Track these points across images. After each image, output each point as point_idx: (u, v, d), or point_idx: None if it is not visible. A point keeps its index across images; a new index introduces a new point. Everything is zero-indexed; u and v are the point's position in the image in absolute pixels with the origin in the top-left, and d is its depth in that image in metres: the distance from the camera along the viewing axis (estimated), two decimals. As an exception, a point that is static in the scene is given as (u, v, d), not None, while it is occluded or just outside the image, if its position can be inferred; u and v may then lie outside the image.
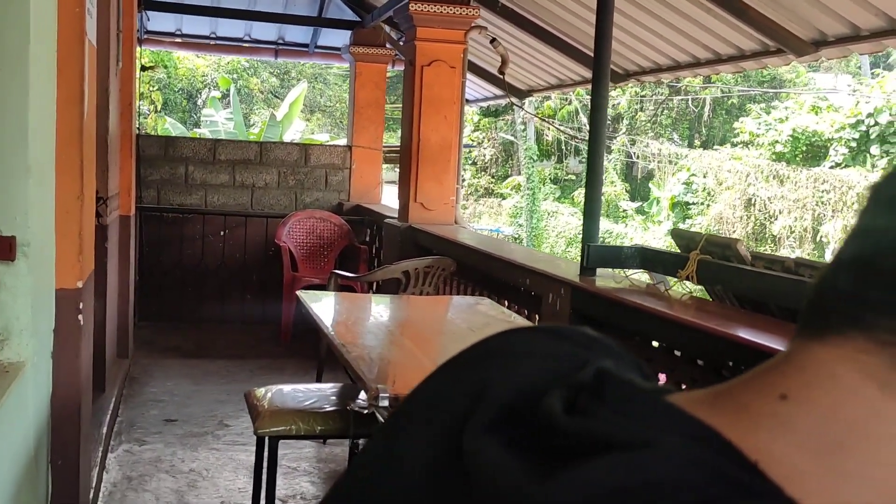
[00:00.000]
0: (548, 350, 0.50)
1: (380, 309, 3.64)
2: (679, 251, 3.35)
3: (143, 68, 6.84)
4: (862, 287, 0.40)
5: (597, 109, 3.54)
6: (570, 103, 20.85)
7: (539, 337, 0.52)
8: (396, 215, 5.78)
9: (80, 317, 2.57)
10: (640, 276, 3.48)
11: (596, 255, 3.47)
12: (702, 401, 0.43)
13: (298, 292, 3.43)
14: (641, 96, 21.78)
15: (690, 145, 21.89)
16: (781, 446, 0.39)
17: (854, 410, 0.39)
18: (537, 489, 0.37)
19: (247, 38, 8.29)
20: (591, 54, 3.62)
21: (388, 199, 7.54)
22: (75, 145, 2.48)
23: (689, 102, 21.85)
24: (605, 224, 19.87)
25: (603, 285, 3.34)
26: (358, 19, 7.45)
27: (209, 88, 20.49)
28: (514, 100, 7.36)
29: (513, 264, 3.99)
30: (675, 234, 3.51)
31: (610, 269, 3.55)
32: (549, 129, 21.00)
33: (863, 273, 0.41)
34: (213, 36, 8.22)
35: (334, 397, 3.01)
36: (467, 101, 8.35)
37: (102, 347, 4.41)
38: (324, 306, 3.31)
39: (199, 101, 20.64)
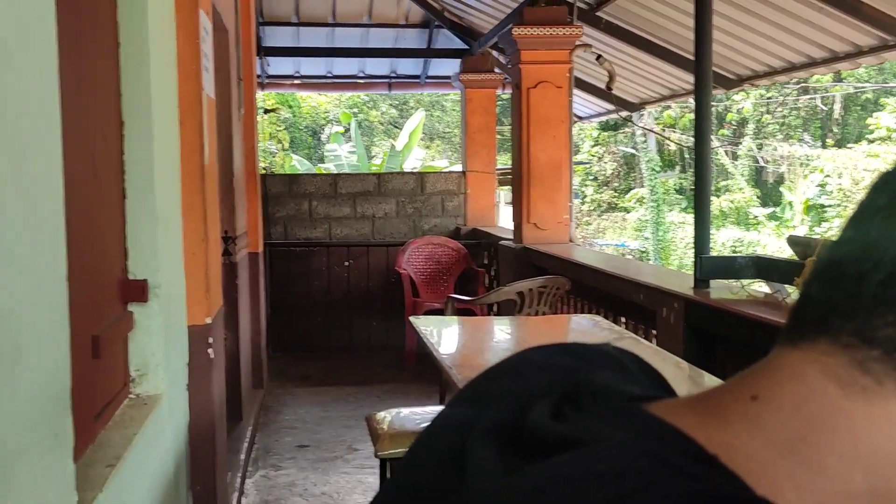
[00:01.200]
0: (549, 364, 0.55)
1: (494, 331, 3.69)
2: (797, 258, 3.25)
3: (267, 111, 7.22)
4: (829, 293, 0.44)
5: (700, 117, 3.51)
6: (691, 111, 20.36)
7: (549, 353, 0.57)
8: (511, 237, 5.84)
9: (210, 350, 2.75)
10: (759, 287, 3.40)
11: (709, 266, 3.42)
12: (681, 405, 0.47)
13: (411, 318, 3.53)
14: (767, 98, 21.03)
15: (823, 145, 20.93)
16: (746, 441, 0.42)
17: (816, 407, 0.42)
18: (504, 481, 0.42)
19: (361, 73, 8.59)
20: (695, 63, 3.58)
21: (506, 220, 7.61)
22: (198, 191, 2.68)
23: (819, 101, 20.91)
24: (735, 232, 19.21)
25: (718, 297, 3.28)
26: (466, 47, 7.60)
27: (331, 124, 21.22)
28: (624, 114, 7.30)
29: (626, 280, 3.97)
30: (792, 240, 3.41)
31: (725, 281, 3.49)
32: (668, 139, 20.57)
33: (830, 280, 0.44)
34: (329, 75, 8.56)
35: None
36: (580, 117, 8.34)
37: (238, 378, 4.66)
38: (439, 330, 3.40)
39: (323, 137, 21.40)
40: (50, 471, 1.33)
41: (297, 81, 8.67)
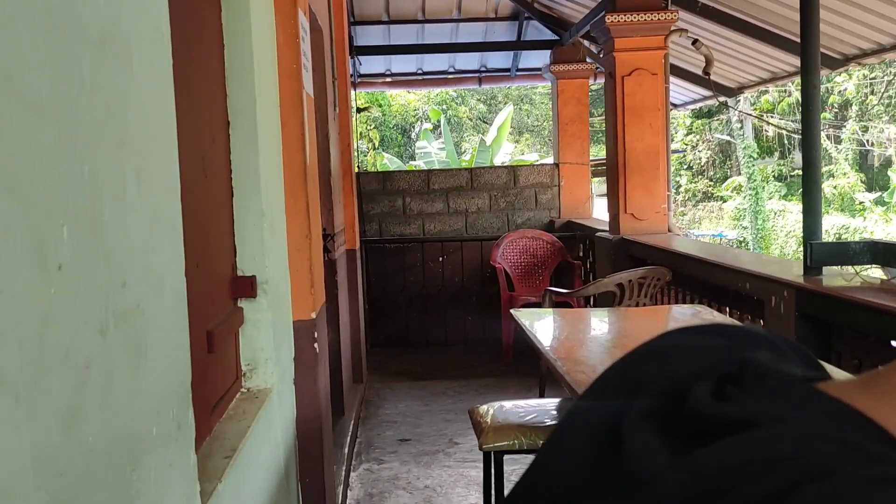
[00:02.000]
0: (704, 346, 0.53)
1: (595, 322, 3.64)
2: (916, 242, 3.09)
3: (359, 110, 7.30)
4: None
5: (809, 98, 3.37)
6: (789, 95, 19.66)
7: (699, 335, 0.55)
8: (608, 228, 5.75)
9: (315, 345, 2.80)
10: (873, 273, 3.24)
11: (820, 252, 3.28)
12: (852, 385, 0.44)
13: (513, 311, 3.51)
14: (871, 79, 20.11)
15: (934, 125, 19.88)
16: None
17: None
18: (673, 464, 0.40)
19: (451, 69, 8.61)
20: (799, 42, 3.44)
21: (599, 212, 7.51)
22: (301, 188, 2.73)
23: (928, 78, 19.87)
24: (839, 219, 18.46)
25: (830, 284, 3.15)
26: (556, 38, 7.52)
27: (421, 121, 21.38)
28: (722, 99, 7.09)
29: (731, 269, 3.85)
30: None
31: (838, 267, 3.34)
32: (768, 124, 19.91)
33: None
34: (419, 72, 8.62)
35: (554, 411, 3.06)
36: (674, 105, 8.15)
37: (339, 374, 4.74)
38: (539, 323, 3.37)
39: (413, 135, 21.58)
40: (174, 462, 1.37)
41: (388, 79, 8.76)
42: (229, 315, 2.21)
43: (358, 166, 7.37)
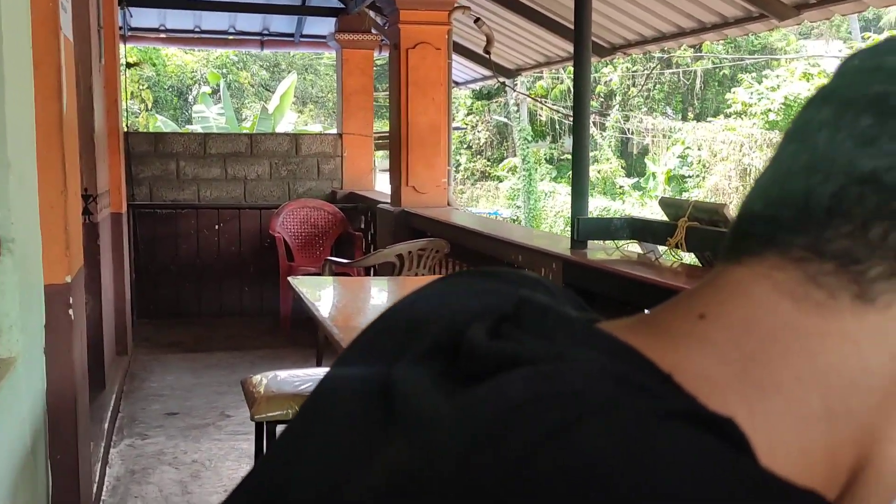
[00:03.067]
0: (482, 289, 0.50)
1: (374, 291, 3.64)
2: (668, 220, 3.35)
3: (129, 65, 6.83)
4: (775, 208, 0.41)
5: (580, 83, 3.54)
6: (561, 82, 20.80)
7: (476, 279, 0.53)
8: (389, 201, 5.78)
9: (70, 311, 2.57)
10: (632, 247, 3.48)
11: (586, 227, 3.47)
12: (626, 326, 0.44)
13: (290, 278, 3.43)
14: (633, 72, 21.72)
15: (684, 118, 21.84)
16: (698, 361, 0.39)
17: (768, 324, 0.39)
18: (449, 405, 0.37)
19: (231, 30, 8.26)
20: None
21: (383, 186, 7.54)
22: (56, 140, 2.48)
23: (681, 75, 21.78)
24: (602, 202, 19.83)
25: (594, 258, 3.34)
26: (342, 6, 7.42)
27: (199, 85, 20.44)
28: (502, 79, 7.35)
29: (505, 242, 4.00)
30: (663, 202, 3.50)
31: (601, 242, 3.56)
32: (542, 109, 20.96)
33: (775, 195, 0.42)
34: (197, 30, 8.18)
35: (330, 381, 3.02)
36: (456, 83, 8.33)
37: (100, 345, 4.42)
38: (318, 292, 3.31)
39: (190, 98, 20.60)
40: None
41: (162, 35, 8.24)
42: (-35, 276, 1.97)
43: (127, 126, 6.90)
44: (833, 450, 0.38)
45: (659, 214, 3.52)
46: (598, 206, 19.31)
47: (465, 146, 22.76)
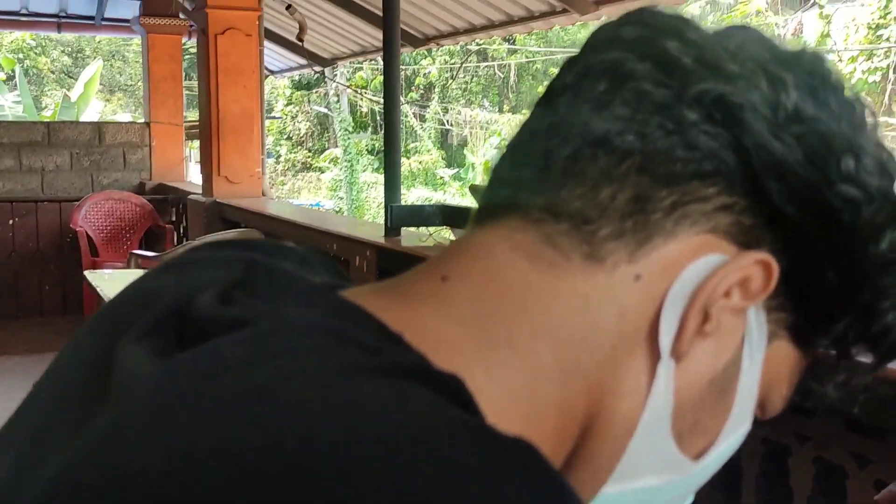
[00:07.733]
0: (223, 257, 0.49)
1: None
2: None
3: None
4: (519, 171, 0.42)
5: (390, 72, 3.56)
6: (381, 73, 20.86)
7: (221, 249, 0.51)
8: (201, 192, 5.58)
9: None
10: (444, 233, 3.55)
11: (399, 214, 3.50)
12: (371, 290, 0.44)
13: (87, 272, 3.25)
14: (451, 64, 22.13)
15: (500, 111, 22.51)
16: (435, 320, 0.40)
17: (505, 283, 0.40)
18: (158, 368, 0.35)
19: (24, 10, 7.66)
20: (384, 17, 3.62)
21: (196, 177, 7.27)
22: None
23: (496, 69, 22.43)
24: (423, 192, 20.10)
25: (409, 244, 3.38)
26: (147, -12, 7.07)
27: (-9, 70, 18.85)
28: (318, 69, 7.28)
29: (319, 231, 3.97)
30: (473, 189, 3.59)
31: (415, 229, 3.60)
32: (362, 99, 20.95)
33: (518, 157, 0.43)
34: (-17, 9, 7.54)
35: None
36: (272, 71, 8.18)
37: None
38: (116, 287, 3.15)
39: (-19, 85, 18.96)
40: None
41: (-57, 14, 7.53)
42: None
43: None
44: (565, 403, 0.40)
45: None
46: (420, 196, 19.55)
47: (285, 137, 22.38)
